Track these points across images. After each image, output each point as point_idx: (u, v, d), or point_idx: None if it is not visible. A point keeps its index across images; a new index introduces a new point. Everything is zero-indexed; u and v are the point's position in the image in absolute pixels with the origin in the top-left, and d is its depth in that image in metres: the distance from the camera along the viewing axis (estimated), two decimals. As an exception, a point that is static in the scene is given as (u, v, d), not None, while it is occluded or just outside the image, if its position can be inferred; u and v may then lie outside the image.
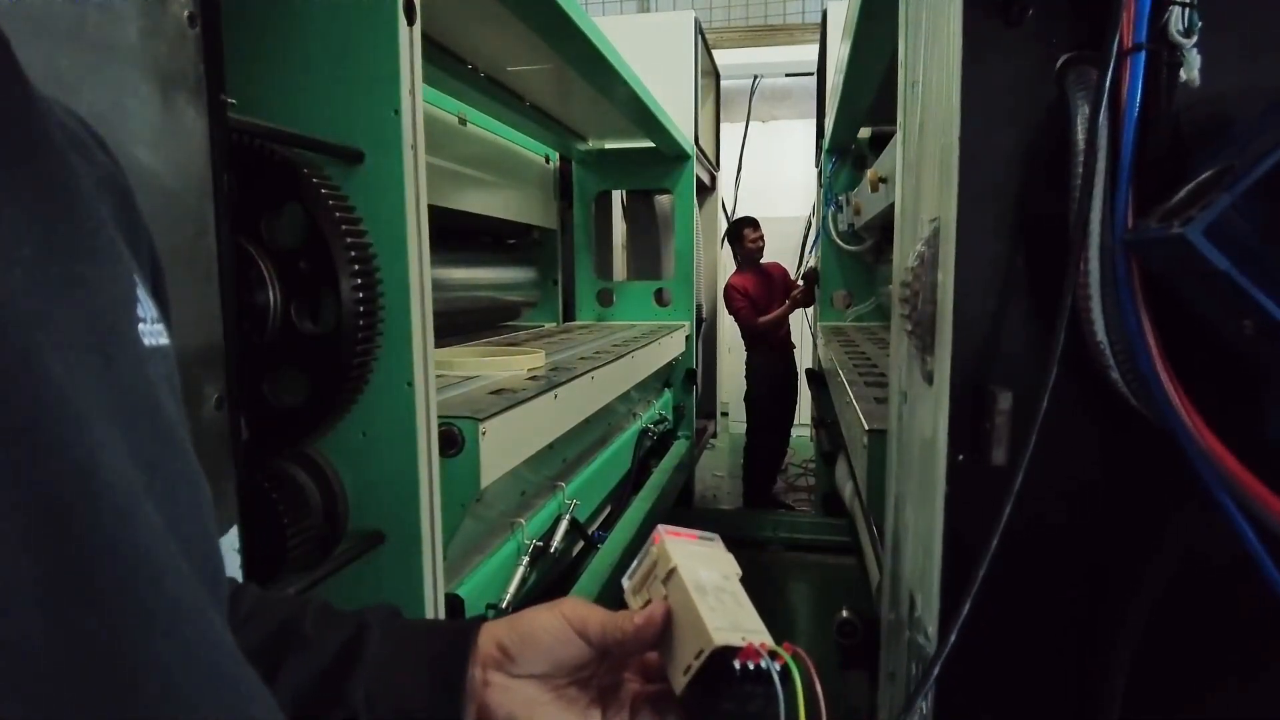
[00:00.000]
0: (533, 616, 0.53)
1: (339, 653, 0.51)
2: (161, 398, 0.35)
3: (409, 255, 1.10)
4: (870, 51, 2.25)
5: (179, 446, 0.35)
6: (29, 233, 0.29)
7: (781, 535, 3.65)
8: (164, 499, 0.31)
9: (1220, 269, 0.49)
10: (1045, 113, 0.65)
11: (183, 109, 0.74)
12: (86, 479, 0.27)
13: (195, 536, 0.34)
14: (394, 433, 1.13)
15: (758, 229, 4.08)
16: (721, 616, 0.47)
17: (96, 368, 0.30)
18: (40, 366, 0.26)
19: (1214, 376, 0.60)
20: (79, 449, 0.27)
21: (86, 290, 0.31)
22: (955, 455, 0.68)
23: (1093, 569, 0.70)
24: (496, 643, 0.52)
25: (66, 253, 0.31)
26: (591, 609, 0.52)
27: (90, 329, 0.30)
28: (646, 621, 0.49)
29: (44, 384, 0.26)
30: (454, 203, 2.39)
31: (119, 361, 0.32)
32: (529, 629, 0.51)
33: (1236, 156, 0.52)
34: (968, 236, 0.68)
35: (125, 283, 0.35)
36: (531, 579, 1.74)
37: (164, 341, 0.38)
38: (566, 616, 0.51)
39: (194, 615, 0.30)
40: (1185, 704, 0.71)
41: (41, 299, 0.28)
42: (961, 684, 0.74)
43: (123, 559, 0.27)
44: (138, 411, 0.32)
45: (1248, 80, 0.60)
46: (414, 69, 1.10)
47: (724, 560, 0.53)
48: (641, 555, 0.53)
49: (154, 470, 0.32)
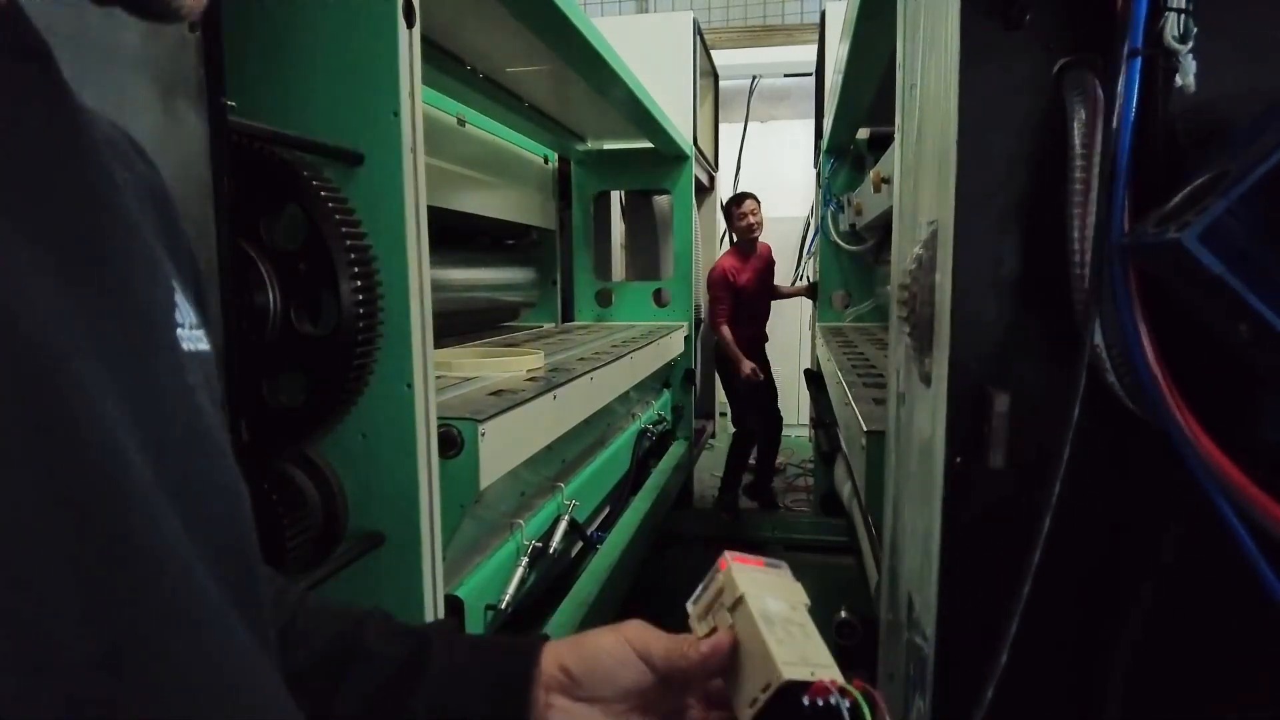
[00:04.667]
0: (596, 639, 0.52)
1: (403, 666, 0.51)
2: (200, 402, 0.35)
3: (408, 257, 1.10)
4: (869, 52, 2.25)
5: (216, 451, 0.35)
6: (65, 239, 0.29)
7: (780, 535, 3.65)
8: (193, 503, 0.31)
9: (1215, 274, 0.49)
10: (1043, 116, 0.66)
11: (183, 112, 0.75)
12: (112, 478, 0.27)
13: (227, 542, 0.34)
14: (393, 434, 1.13)
15: (742, 203, 3.69)
16: (789, 649, 0.46)
17: (128, 371, 0.30)
18: (68, 370, 0.27)
19: (1211, 381, 0.60)
20: (105, 450, 0.27)
21: (122, 296, 0.32)
22: (953, 457, 0.69)
23: (1091, 572, 0.71)
24: (559, 665, 0.51)
25: (102, 259, 0.31)
26: (656, 634, 0.52)
27: (124, 333, 0.31)
28: (712, 651, 0.49)
29: (73, 387, 0.27)
30: (453, 203, 2.39)
31: (154, 366, 0.32)
32: (593, 653, 0.51)
33: (1232, 161, 0.52)
34: (965, 239, 0.69)
35: (163, 289, 0.36)
36: (530, 580, 1.74)
37: (203, 347, 0.38)
38: (630, 641, 0.51)
39: (215, 618, 0.31)
40: (1183, 708, 0.71)
41: (74, 304, 0.28)
42: (959, 686, 0.75)
43: (148, 557, 0.28)
44: (171, 416, 0.32)
45: (1244, 85, 0.61)
46: (413, 71, 1.10)
47: (791, 589, 0.53)
48: (706, 580, 0.52)
49: (185, 476, 0.32)
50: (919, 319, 0.86)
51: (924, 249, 0.86)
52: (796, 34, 5.16)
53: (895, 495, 1.05)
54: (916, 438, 0.90)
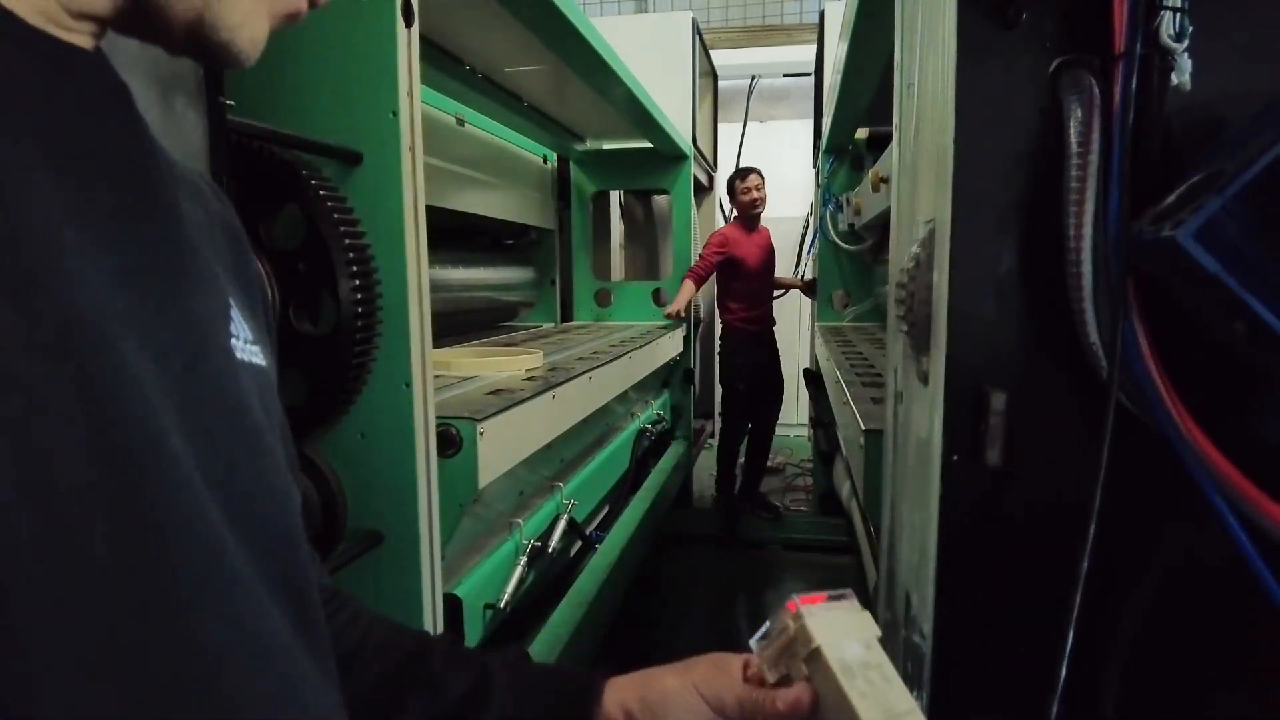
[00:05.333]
0: (663, 685, 0.51)
1: (465, 696, 0.51)
2: (251, 404, 0.37)
3: (407, 257, 1.10)
4: (868, 52, 2.26)
5: (265, 450, 0.37)
6: (127, 251, 0.32)
7: (780, 535, 3.65)
8: (236, 495, 0.33)
9: (1211, 272, 0.49)
10: (1040, 115, 0.66)
11: (182, 111, 0.75)
12: (147, 451, 0.29)
13: (273, 536, 0.36)
14: (392, 433, 1.13)
15: (746, 177, 3.57)
16: (874, 704, 0.46)
17: (177, 365, 0.33)
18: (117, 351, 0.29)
19: (1208, 380, 0.60)
20: (142, 425, 0.29)
21: (176, 301, 0.34)
22: (950, 455, 0.69)
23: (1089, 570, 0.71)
24: (624, 709, 0.51)
25: (159, 269, 0.34)
26: (726, 680, 0.51)
27: (174, 334, 0.33)
28: (792, 709, 0.48)
29: (119, 366, 0.29)
30: (452, 203, 2.39)
31: (203, 365, 0.35)
32: (661, 702, 0.50)
33: (1228, 160, 0.52)
34: (963, 237, 0.69)
35: (218, 302, 0.38)
36: (530, 579, 1.74)
37: (259, 361, 0.41)
38: (702, 693, 0.50)
39: (249, 598, 0.32)
40: (1180, 705, 0.71)
41: (128, 303, 0.31)
42: (957, 683, 0.75)
43: (179, 526, 0.30)
44: (219, 411, 0.35)
45: (1240, 84, 0.61)
46: (412, 71, 1.10)
47: (862, 623, 0.51)
48: (773, 623, 0.51)
49: (229, 467, 0.34)
50: (917, 318, 0.87)
51: (921, 248, 0.86)
52: (795, 34, 5.17)
53: (893, 494, 1.05)
54: (914, 436, 0.90)
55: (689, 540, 3.55)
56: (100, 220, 0.31)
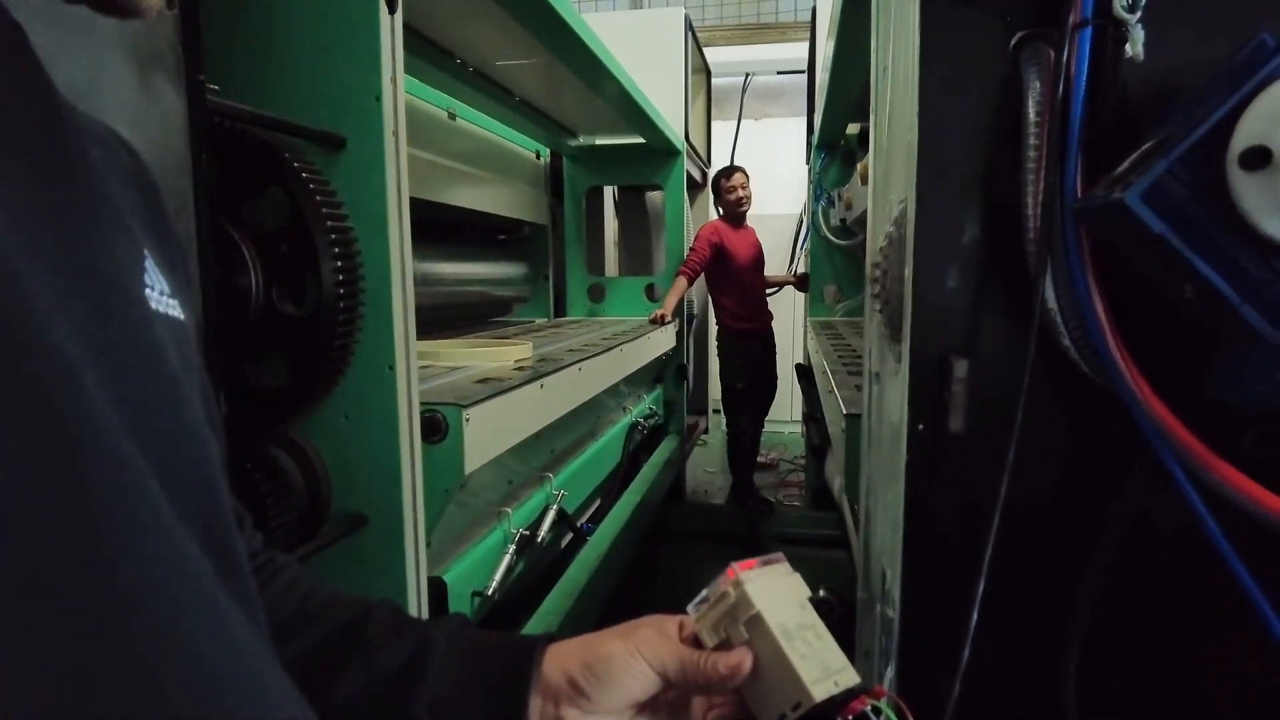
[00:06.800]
0: (607, 651, 0.51)
1: (402, 665, 0.50)
2: (166, 354, 0.36)
3: (390, 241, 1.11)
4: (855, 46, 2.27)
5: (181, 400, 0.36)
6: (27, 192, 0.30)
7: (773, 530, 3.66)
8: (151, 434, 0.32)
9: (1157, 232, 0.50)
10: (1002, 88, 0.67)
11: (161, 88, 0.76)
12: (71, 383, 0.28)
13: (191, 484, 0.35)
14: (376, 416, 1.14)
15: (731, 176, 3.60)
16: (813, 664, 0.48)
17: (84, 304, 0.31)
18: (23, 287, 0.27)
19: (1164, 347, 0.61)
20: (52, 355, 0.28)
21: (83, 246, 0.33)
22: (915, 424, 0.70)
23: (1050, 536, 0.72)
24: (567, 677, 0.51)
25: (65, 213, 0.32)
26: (670, 647, 0.51)
27: (84, 278, 0.32)
28: (734, 672, 0.49)
29: (33, 300, 0.28)
30: (444, 197, 2.40)
31: (113, 309, 0.33)
32: (605, 667, 0.50)
33: (1178, 126, 0.53)
34: (928, 209, 0.70)
35: (130, 251, 0.37)
36: (519, 568, 1.75)
37: (176, 314, 0.39)
38: (645, 657, 0.50)
39: (173, 534, 0.31)
40: (1139, 664, 0.72)
41: (31, 245, 0.29)
42: (924, 651, 0.76)
43: (104, 458, 0.28)
44: (132, 355, 0.33)
45: (1195, 55, 0.62)
46: (395, 56, 1.11)
47: (794, 584, 0.53)
48: (712, 590, 0.53)
49: (142, 409, 0.32)
50: (890, 296, 0.88)
51: (895, 227, 0.87)
52: (789, 31, 5.18)
53: (869, 474, 1.06)
54: (888, 416, 0.92)
55: (682, 535, 3.56)
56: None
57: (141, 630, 0.28)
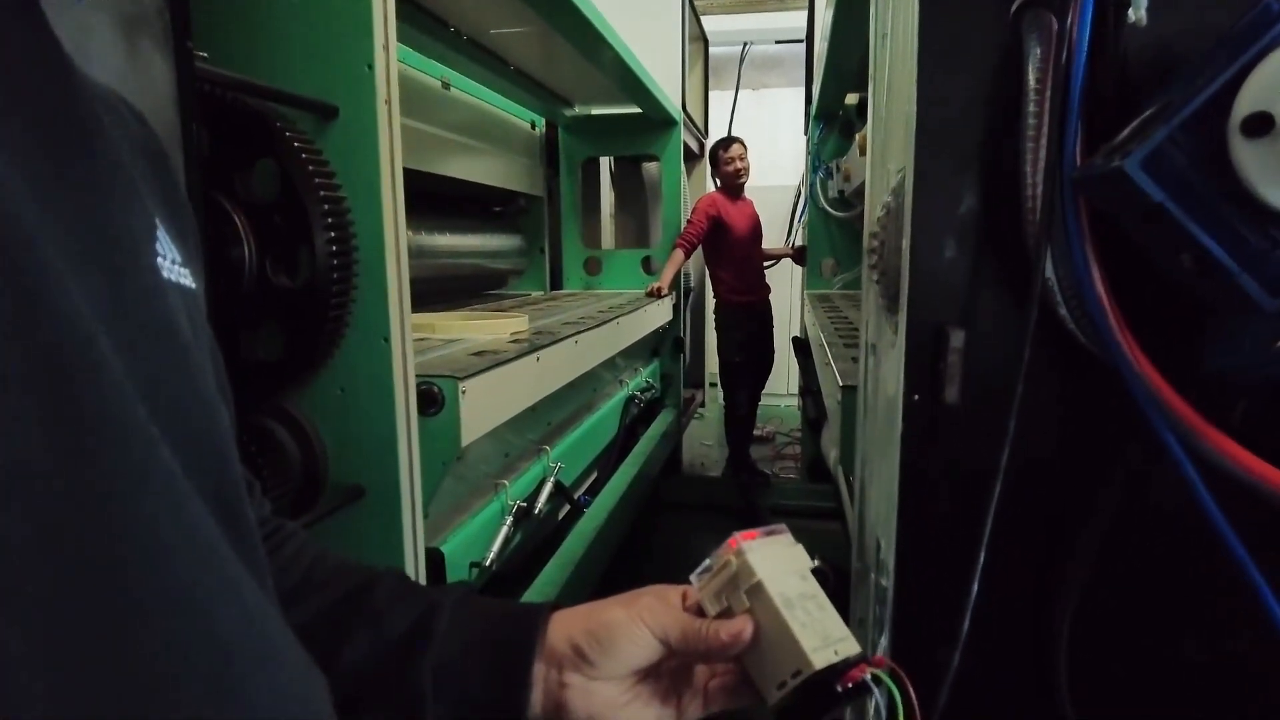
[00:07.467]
0: (610, 619, 0.51)
1: (408, 631, 0.51)
2: (178, 321, 0.36)
3: (384, 211, 1.11)
4: (854, 14, 2.24)
5: (193, 366, 0.36)
6: (40, 157, 0.30)
7: (770, 502, 3.68)
8: (163, 402, 0.32)
9: (1156, 201, 0.50)
10: (1003, 56, 0.66)
11: (149, 54, 0.74)
12: (77, 346, 0.28)
13: (202, 449, 0.35)
14: (371, 388, 1.14)
15: (729, 147, 3.56)
16: (813, 633, 0.48)
17: (98, 270, 0.31)
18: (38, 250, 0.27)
19: (1163, 319, 0.61)
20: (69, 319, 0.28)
21: (96, 213, 0.32)
22: (911, 395, 0.70)
23: (1047, 507, 0.72)
24: (571, 644, 0.51)
25: (79, 182, 0.32)
26: (672, 615, 0.52)
27: (98, 246, 0.32)
28: (735, 639, 0.49)
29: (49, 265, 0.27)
30: (438, 168, 2.38)
31: (126, 276, 0.33)
32: (608, 634, 0.51)
33: (1179, 93, 0.53)
34: (926, 178, 0.69)
35: (143, 220, 0.36)
36: (516, 539, 1.76)
37: (188, 283, 0.39)
38: (648, 624, 0.51)
39: (187, 496, 0.31)
40: (1132, 637, 0.73)
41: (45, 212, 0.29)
42: (918, 620, 0.77)
43: (116, 423, 0.28)
44: (145, 322, 0.33)
45: (1196, 21, 0.61)
46: (387, 24, 1.09)
47: (796, 555, 0.53)
48: (714, 559, 0.53)
49: (155, 377, 0.32)
50: (888, 267, 0.87)
51: (893, 196, 0.87)
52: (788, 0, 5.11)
53: (864, 445, 1.07)
54: (884, 387, 0.92)
55: (678, 508, 3.58)
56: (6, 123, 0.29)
57: (152, 592, 0.29)
